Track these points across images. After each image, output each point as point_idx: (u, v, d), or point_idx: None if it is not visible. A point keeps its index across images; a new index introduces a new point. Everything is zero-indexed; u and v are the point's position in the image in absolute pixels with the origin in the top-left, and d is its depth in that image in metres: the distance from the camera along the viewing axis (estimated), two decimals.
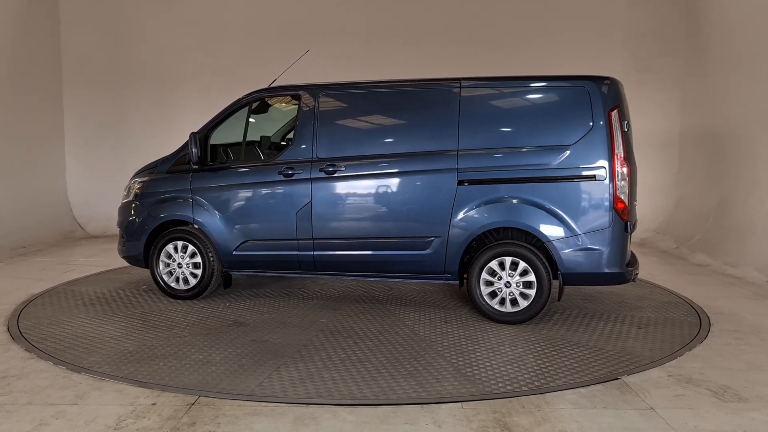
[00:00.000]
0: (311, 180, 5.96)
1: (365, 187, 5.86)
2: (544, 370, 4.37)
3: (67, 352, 4.81)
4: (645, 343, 4.96)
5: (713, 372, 4.37)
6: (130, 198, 6.75)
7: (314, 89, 6.12)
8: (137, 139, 11.98)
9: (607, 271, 5.34)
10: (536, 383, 4.10)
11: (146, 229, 6.53)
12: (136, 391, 3.99)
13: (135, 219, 6.63)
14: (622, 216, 5.27)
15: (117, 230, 7.03)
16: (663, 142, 11.14)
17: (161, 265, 6.49)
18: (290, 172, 6.01)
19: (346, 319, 5.75)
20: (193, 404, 3.78)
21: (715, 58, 9.89)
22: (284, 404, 3.78)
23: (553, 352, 4.75)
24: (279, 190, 6.08)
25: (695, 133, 10.56)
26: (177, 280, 6.46)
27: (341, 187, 5.91)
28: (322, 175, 5.92)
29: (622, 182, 5.24)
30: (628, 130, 5.39)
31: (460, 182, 5.56)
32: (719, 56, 9.73)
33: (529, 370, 4.37)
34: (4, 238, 9.54)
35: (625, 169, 5.25)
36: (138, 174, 6.84)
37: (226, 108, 6.43)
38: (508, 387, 4.03)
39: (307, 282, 7.30)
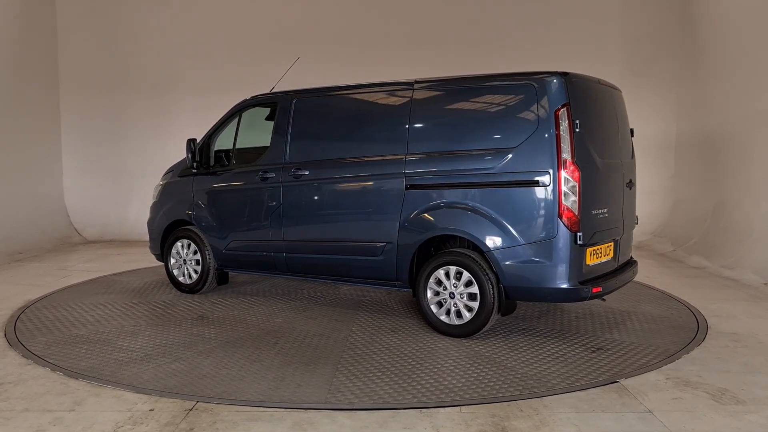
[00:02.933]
0: (281, 184, 6.13)
1: (326, 191, 5.93)
2: (420, 386, 4.11)
3: (22, 332, 5.42)
4: (568, 369, 4.44)
5: (711, 375, 4.37)
6: (154, 199, 7.35)
7: (289, 95, 6.31)
8: (134, 144, 11.97)
9: (552, 286, 4.82)
10: (396, 399, 3.91)
11: (161, 228, 7.13)
12: (134, 397, 3.99)
13: (155, 218, 7.27)
14: (571, 226, 4.75)
15: (113, 235, 7.34)
16: (659, 145, 11.17)
17: (172, 261, 7.03)
18: (266, 176, 6.22)
19: (301, 320, 5.83)
20: (191, 410, 3.78)
21: (710, 61, 9.94)
22: (283, 409, 3.78)
23: (456, 370, 4.42)
24: (257, 192, 6.33)
25: (691, 136, 10.59)
26: (183, 275, 6.97)
27: (306, 191, 6.02)
28: (291, 179, 6.07)
29: (569, 189, 4.73)
30: (579, 130, 4.80)
31: (408, 187, 5.39)
32: (714, 59, 9.77)
33: (402, 387, 4.11)
34: (1, 243, 9.51)
35: (573, 174, 4.73)
36: (163, 176, 7.40)
37: (223, 116, 6.78)
38: (354, 400, 3.88)
39: (309, 284, 7.30)
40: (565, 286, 4.80)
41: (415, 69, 7.43)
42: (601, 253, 5.14)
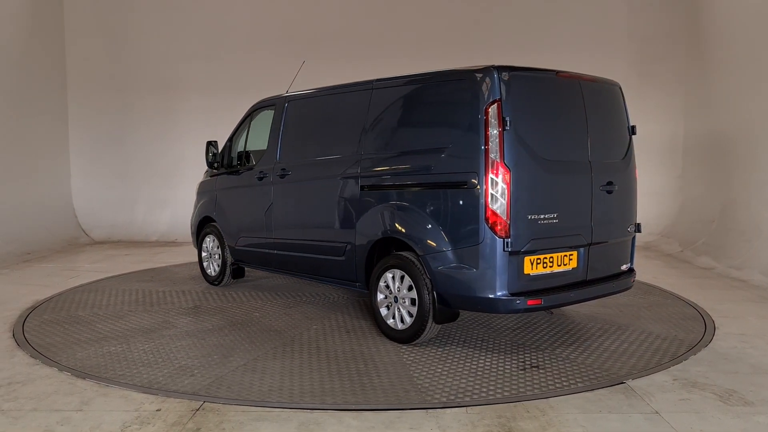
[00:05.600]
0: (272, 183, 6.36)
1: (303, 190, 6.10)
2: (301, 387, 4.14)
3: (36, 311, 6.07)
4: (465, 384, 4.15)
5: (718, 376, 4.35)
6: (195, 196, 7.81)
7: (284, 98, 6.53)
8: (141, 145, 12.03)
9: (479, 295, 4.48)
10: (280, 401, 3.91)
11: (195, 224, 7.66)
12: (141, 396, 4.01)
13: (193, 214, 7.78)
14: (498, 232, 4.40)
15: (121, 236, 7.70)
16: (667, 145, 11.12)
17: (203, 254, 7.56)
18: (262, 176, 6.51)
19: (276, 316, 5.99)
20: (197, 410, 3.79)
21: (717, 61, 9.89)
22: (289, 410, 3.79)
23: (353, 375, 4.34)
24: (256, 192, 6.58)
25: (699, 136, 10.54)
26: (209, 268, 7.50)
27: (289, 190, 6.23)
28: (278, 179, 6.27)
29: (497, 192, 4.39)
30: (509, 128, 4.40)
31: (362, 188, 5.36)
32: (721, 59, 9.72)
33: (276, 386, 4.15)
34: (9, 244, 9.58)
35: (501, 177, 4.39)
36: (204, 174, 7.80)
37: (241, 118, 7.12)
38: (221, 395, 3.94)
39: (320, 284, 7.28)
40: (492, 295, 4.45)
41: (419, 68, 7.43)
42: (551, 262, 4.71)
